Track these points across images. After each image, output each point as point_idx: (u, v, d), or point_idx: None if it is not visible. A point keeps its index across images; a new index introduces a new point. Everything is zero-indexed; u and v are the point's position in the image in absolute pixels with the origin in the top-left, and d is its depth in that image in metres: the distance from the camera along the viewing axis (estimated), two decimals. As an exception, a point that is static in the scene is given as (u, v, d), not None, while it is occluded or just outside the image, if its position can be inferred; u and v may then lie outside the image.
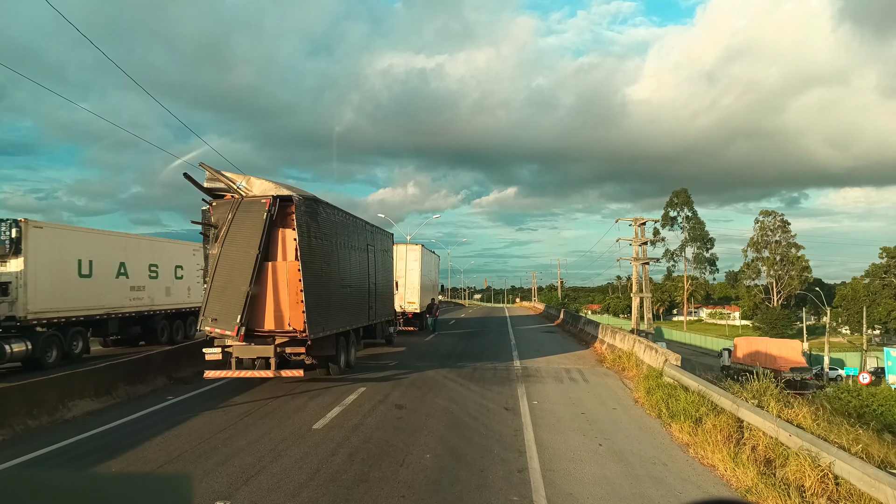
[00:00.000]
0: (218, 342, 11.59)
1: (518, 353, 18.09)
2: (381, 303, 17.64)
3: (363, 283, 15.64)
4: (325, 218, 12.75)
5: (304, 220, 11.60)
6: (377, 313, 17.20)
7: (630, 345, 14.97)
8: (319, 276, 12.12)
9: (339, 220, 13.75)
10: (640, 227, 61.40)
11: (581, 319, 25.42)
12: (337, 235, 13.44)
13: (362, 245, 15.64)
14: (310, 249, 11.74)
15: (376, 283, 16.92)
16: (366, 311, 15.91)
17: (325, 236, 12.56)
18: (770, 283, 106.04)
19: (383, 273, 18.14)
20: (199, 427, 9.02)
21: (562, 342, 22.07)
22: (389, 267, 19.40)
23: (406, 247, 25.03)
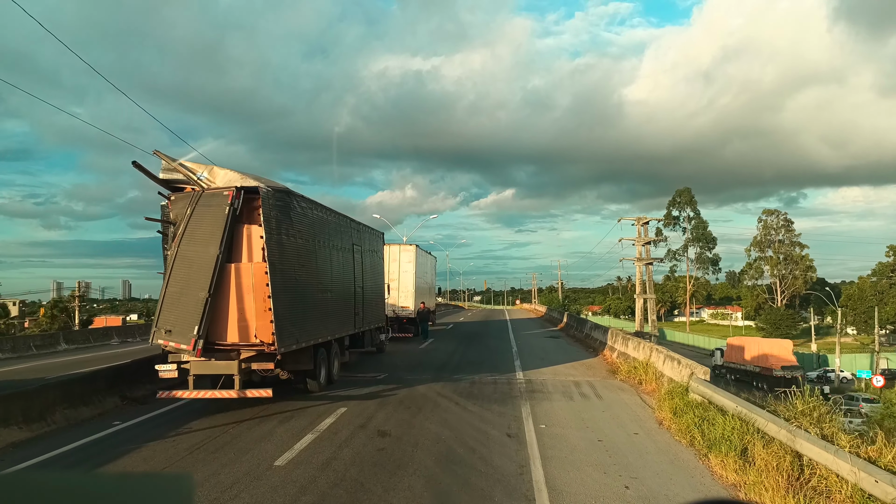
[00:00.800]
0: (173, 357, 9.98)
1: (521, 363, 16.48)
2: (369, 308, 16.05)
3: (348, 287, 14.04)
4: (301, 213, 11.16)
5: (272, 215, 10.00)
6: (365, 320, 15.60)
7: (646, 354, 13.36)
8: (292, 280, 10.52)
9: (318, 217, 12.16)
10: (643, 227, 59.96)
11: (587, 324, 23.81)
12: (315, 233, 11.84)
13: (346, 245, 14.05)
14: (280, 249, 10.14)
15: (363, 287, 15.33)
16: (351, 318, 14.31)
17: (299, 234, 10.97)
18: (774, 282, 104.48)
19: (372, 276, 16.55)
20: (133, 464, 7.42)
21: (567, 349, 20.46)
22: (379, 269, 17.82)
23: (399, 247, 23.44)
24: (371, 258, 16.57)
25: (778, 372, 39.16)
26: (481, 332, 29.04)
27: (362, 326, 15.43)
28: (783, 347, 42.63)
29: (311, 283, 11.50)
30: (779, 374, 39.00)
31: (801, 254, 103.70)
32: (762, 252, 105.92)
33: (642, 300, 59.48)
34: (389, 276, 23.08)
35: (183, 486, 1.18)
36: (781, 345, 43.71)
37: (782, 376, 38.32)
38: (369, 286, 16.08)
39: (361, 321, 15.27)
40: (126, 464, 7.47)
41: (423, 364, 16.42)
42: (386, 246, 23.29)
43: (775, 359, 40.68)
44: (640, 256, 59.02)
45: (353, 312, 14.41)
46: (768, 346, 43.20)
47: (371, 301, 16.36)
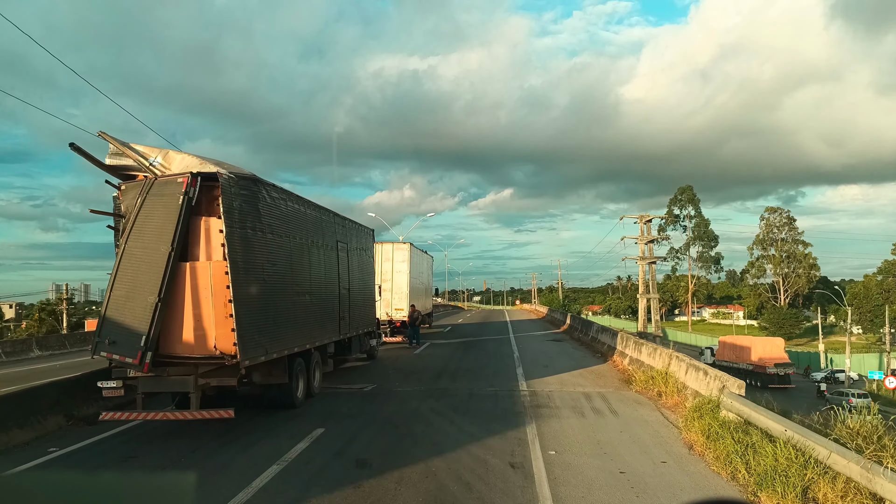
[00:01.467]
0: (118, 372, 8.55)
1: (523, 370, 15.05)
2: (357, 312, 14.63)
3: (331, 289, 12.62)
4: (271, 205, 9.73)
5: (235, 206, 8.58)
6: (352, 325, 14.19)
7: (664, 362, 11.94)
8: (260, 281, 9.09)
9: (294, 210, 10.73)
10: (646, 225, 58.63)
11: (593, 326, 22.36)
12: (290, 228, 10.42)
13: (329, 242, 12.63)
14: (244, 245, 8.72)
15: (350, 289, 13.92)
16: (336, 323, 12.90)
17: (270, 228, 9.54)
18: (777, 281, 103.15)
19: (360, 276, 15.13)
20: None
21: (573, 354, 19.03)
22: (369, 269, 16.40)
23: (393, 246, 22.02)
24: (359, 257, 15.16)
25: (771, 369, 39.63)
26: (480, 334, 27.62)
27: (349, 332, 14.02)
28: (776, 345, 43.23)
29: (284, 285, 10.08)
30: (772, 371, 39.52)
31: (804, 252, 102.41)
32: (764, 250, 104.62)
33: (645, 300, 58.17)
34: (382, 276, 21.68)
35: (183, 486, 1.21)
36: (774, 343, 44.33)
37: (776, 373, 39.23)
38: (357, 287, 14.67)
39: (348, 326, 13.86)
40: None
41: (417, 372, 14.99)
42: (378, 244, 21.89)
43: (769, 357, 41.07)
44: (643, 255, 57.75)
45: (337, 317, 13.00)
46: (761, 345, 43.64)
47: (359, 304, 14.96)
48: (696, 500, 3.55)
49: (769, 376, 38.68)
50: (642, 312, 58.13)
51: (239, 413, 9.80)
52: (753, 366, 41.22)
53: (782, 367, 40.44)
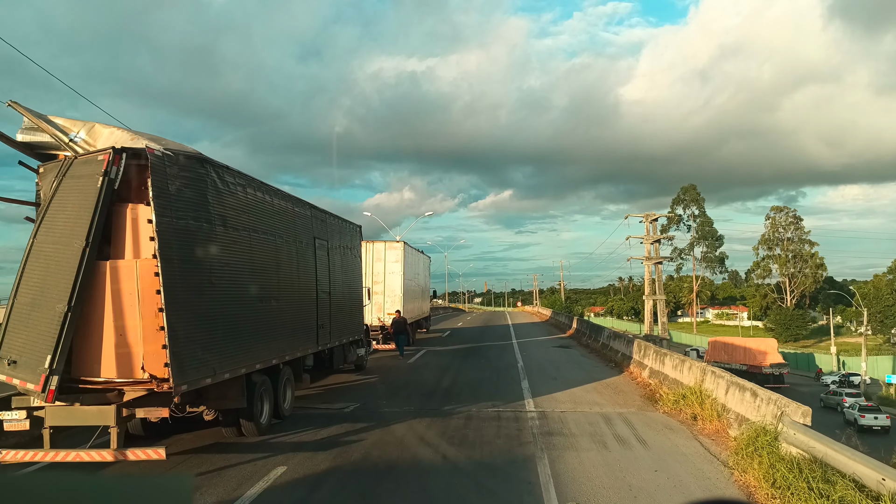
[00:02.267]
0: (20, 401, 6.80)
1: (529, 384, 13.28)
2: (340, 318, 12.89)
3: (306, 294, 10.88)
4: (225, 192, 7.97)
5: (170, 190, 6.83)
6: (334, 333, 12.44)
7: (696, 377, 10.16)
8: (206, 285, 7.33)
9: (257, 200, 8.98)
10: (651, 224, 56.86)
11: (603, 331, 20.56)
12: (252, 221, 8.67)
13: (305, 238, 10.88)
14: (183, 239, 6.96)
15: (332, 293, 12.17)
16: (313, 332, 11.14)
17: (222, 220, 7.79)
18: (783, 281, 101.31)
19: (344, 278, 13.38)
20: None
21: (583, 363, 17.25)
22: (355, 270, 14.65)
23: (385, 245, 20.26)
24: (343, 256, 13.41)
25: (767, 369, 39.97)
26: (481, 339, 25.84)
27: (330, 342, 12.27)
28: (769, 346, 43.70)
29: (242, 289, 8.32)
30: (768, 371, 39.88)
31: (811, 252, 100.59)
32: (770, 250, 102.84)
33: (651, 301, 56.44)
34: (373, 278, 19.94)
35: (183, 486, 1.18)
36: (767, 343, 44.85)
37: (771, 373, 39.60)
38: (340, 291, 12.93)
39: (329, 335, 12.10)
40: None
41: (408, 387, 13.22)
42: (368, 244, 20.15)
43: (763, 356, 41.63)
44: (649, 255, 55.99)
45: (314, 325, 11.24)
46: (755, 345, 44.24)
47: (343, 309, 13.21)
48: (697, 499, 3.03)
49: (765, 376, 38.22)
50: (648, 314, 56.39)
51: (189, 443, 8.06)
52: (748, 366, 40.94)
53: (777, 368, 40.91)
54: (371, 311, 19.86)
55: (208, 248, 7.43)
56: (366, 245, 20.17)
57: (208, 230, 7.46)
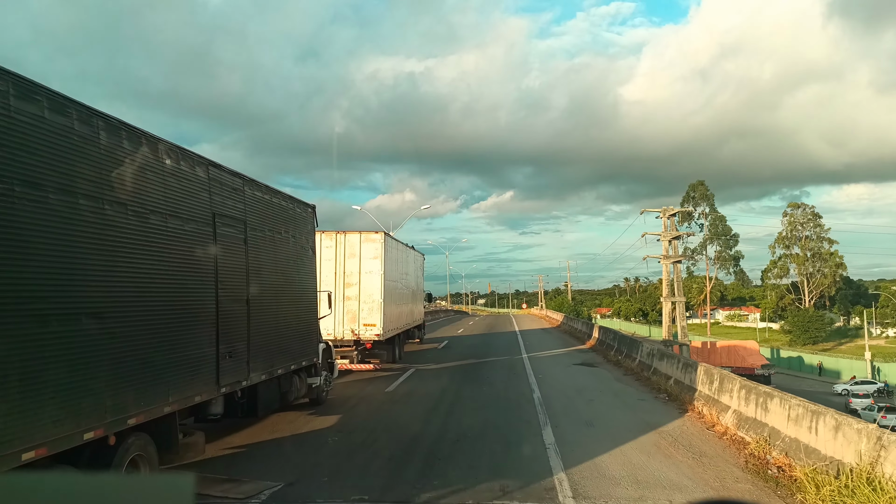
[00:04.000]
0: None
1: (555, 435, 8.83)
2: (272, 339, 8.55)
3: (190, 304, 6.48)
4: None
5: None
6: (259, 362, 8.08)
7: (864, 448, 5.71)
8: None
9: (61, 130, 4.61)
10: (669, 220, 52.32)
11: (640, 346, 16.04)
12: (55, 176, 4.32)
13: (194, 213, 6.52)
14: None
15: (254, 301, 7.84)
16: (209, 365, 6.79)
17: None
18: (801, 281, 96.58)
19: (280, 280, 9.04)
20: None
21: (623, 394, 12.74)
22: (303, 268, 10.28)
23: (360, 237, 15.87)
24: (279, 247, 9.07)
25: (759, 371, 41.34)
26: (484, 353, 21.33)
27: (249, 376, 7.89)
28: (752, 346, 46.09)
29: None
30: (759, 372, 41.04)
31: (830, 250, 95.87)
32: (787, 249, 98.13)
33: (670, 304, 51.87)
34: (345, 278, 15.60)
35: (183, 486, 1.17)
36: (749, 344, 47.37)
37: (762, 374, 40.76)
38: (272, 298, 8.60)
39: (246, 367, 7.75)
40: None
41: (374, 442, 8.77)
42: (337, 234, 15.81)
43: (753, 358, 43.23)
44: (667, 254, 51.41)
45: (213, 353, 6.87)
46: (737, 346, 45.92)
47: (278, 325, 8.86)
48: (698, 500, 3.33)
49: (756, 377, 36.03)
50: (667, 318, 51.83)
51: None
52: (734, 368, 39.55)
53: (766, 368, 43.15)
54: (341, 322, 15.51)
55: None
56: (333, 236, 15.81)
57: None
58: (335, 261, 15.62)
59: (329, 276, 15.61)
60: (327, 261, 15.63)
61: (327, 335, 15.48)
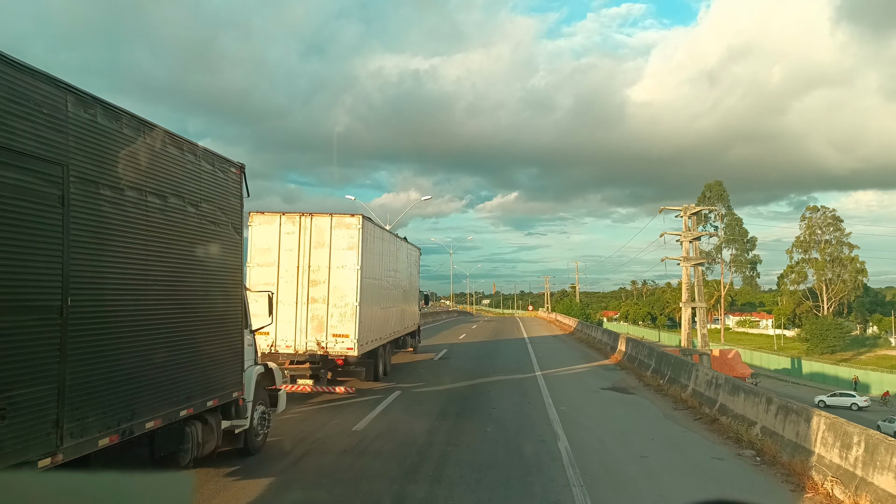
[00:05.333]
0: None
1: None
2: (143, 373, 4.95)
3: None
4: None
5: None
6: (108, 414, 4.48)
7: None
8: None
9: None
10: (690, 219, 48.49)
11: (692, 372, 12.28)
12: None
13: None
14: None
15: (100, 309, 4.29)
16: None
17: None
18: (819, 287, 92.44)
19: (173, 273, 5.46)
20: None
21: (684, 444, 9.02)
22: (222, 257, 6.67)
23: (331, 221, 12.21)
24: (167, 222, 5.50)
25: (750, 380, 40.72)
26: (487, 370, 17.54)
27: (63, 445, 4.30)
28: (735, 354, 45.91)
29: None
30: (751, 381, 40.70)
31: (851, 255, 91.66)
32: (805, 253, 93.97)
33: (689, 309, 48.11)
34: (309, 274, 12.05)
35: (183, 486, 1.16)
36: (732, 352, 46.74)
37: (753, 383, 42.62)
38: (139, 303, 5.03)
39: (56, 430, 4.14)
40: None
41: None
42: (301, 216, 12.27)
43: (741, 367, 41.97)
44: (688, 255, 47.74)
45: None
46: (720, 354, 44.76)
47: (153, 346, 5.27)
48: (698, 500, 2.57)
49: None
50: (686, 324, 48.10)
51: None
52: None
53: (754, 378, 42.56)
54: (303, 331, 11.95)
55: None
56: (296, 220, 12.25)
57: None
58: (298, 251, 12.04)
59: (290, 272, 12.05)
60: (288, 251, 12.07)
61: (286, 347, 11.91)
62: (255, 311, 12.13)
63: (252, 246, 12.14)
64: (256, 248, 12.14)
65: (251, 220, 12.17)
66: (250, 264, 12.13)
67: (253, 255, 12.12)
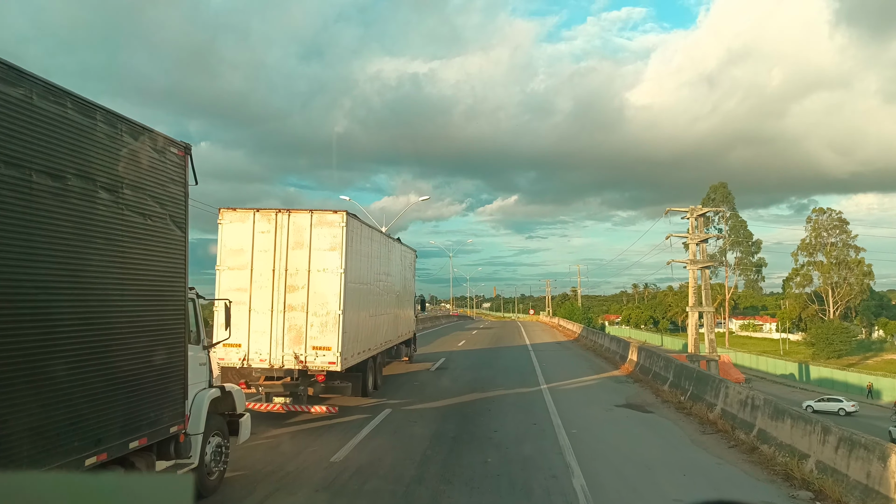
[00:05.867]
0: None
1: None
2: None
3: None
4: None
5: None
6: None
7: None
8: None
9: None
10: (697, 220, 47.18)
11: (720, 389, 10.70)
12: None
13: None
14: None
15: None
16: None
17: None
18: (825, 290, 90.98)
19: (81, 281, 4.03)
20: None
21: (722, 482, 7.52)
22: (158, 259, 5.27)
23: (311, 217, 10.79)
24: (74, 211, 4.10)
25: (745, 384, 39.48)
26: (488, 384, 15.95)
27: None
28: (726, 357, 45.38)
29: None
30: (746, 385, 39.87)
31: (857, 258, 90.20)
32: (811, 256, 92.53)
33: (697, 314, 46.68)
34: (286, 278, 10.66)
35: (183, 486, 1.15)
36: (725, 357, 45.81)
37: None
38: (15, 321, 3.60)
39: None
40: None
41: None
42: (268, 213, 10.90)
43: (734, 372, 41.39)
44: (695, 258, 46.36)
45: None
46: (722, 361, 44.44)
47: (43, 377, 3.87)
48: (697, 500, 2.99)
49: None
50: (693, 329, 46.68)
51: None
52: None
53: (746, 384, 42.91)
54: (279, 343, 10.55)
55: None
56: (272, 217, 10.86)
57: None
58: (274, 252, 10.64)
59: (265, 276, 10.66)
60: (262, 252, 10.68)
61: (260, 361, 10.51)
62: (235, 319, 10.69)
63: (222, 247, 10.76)
64: (227, 248, 10.75)
65: (221, 218, 10.79)
66: (220, 267, 10.75)
67: (223, 256, 10.74)
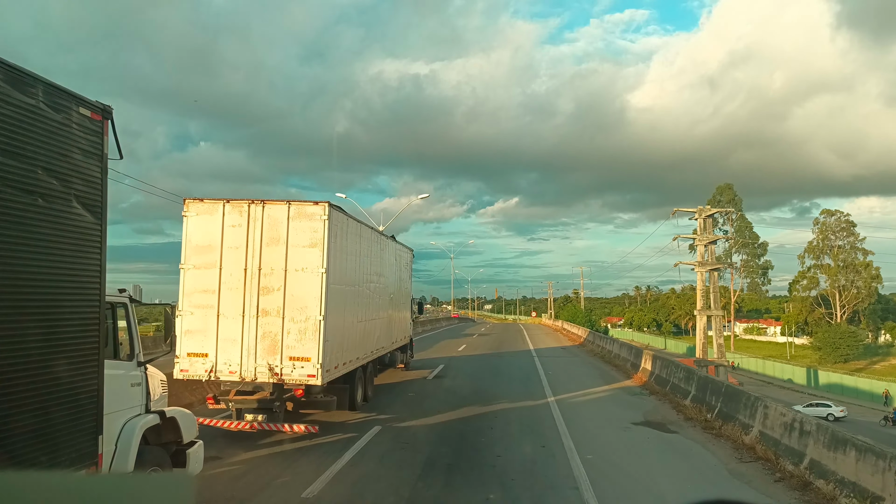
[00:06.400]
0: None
1: None
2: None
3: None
4: None
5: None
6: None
7: None
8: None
9: None
10: (705, 221, 45.84)
11: (756, 407, 9.23)
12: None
13: None
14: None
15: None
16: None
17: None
18: (832, 294, 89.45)
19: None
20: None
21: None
22: (55, 254, 3.95)
23: (288, 210, 9.48)
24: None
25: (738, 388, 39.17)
26: (490, 396, 14.52)
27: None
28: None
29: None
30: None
31: (865, 261, 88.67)
32: (818, 259, 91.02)
33: (705, 318, 45.31)
34: (260, 278, 9.32)
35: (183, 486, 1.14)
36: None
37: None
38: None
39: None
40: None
41: None
42: (240, 204, 9.55)
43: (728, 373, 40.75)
44: (703, 260, 45.00)
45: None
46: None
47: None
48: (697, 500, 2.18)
49: None
50: (701, 333, 45.33)
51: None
52: None
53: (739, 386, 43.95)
54: (251, 353, 9.21)
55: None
56: (244, 208, 9.52)
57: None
58: (246, 249, 9.29)
59: (235, 276, 9.31)
60: (233, 249, 9.33)
61: (230, 373, 9.19)
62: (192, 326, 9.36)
63: (187, 243, 9.43)
64: (193, 244, 9.41)
65: (186, 209, 9.45)
66: (184, 266, 9.41)
67: (188, 254, 9.40)
